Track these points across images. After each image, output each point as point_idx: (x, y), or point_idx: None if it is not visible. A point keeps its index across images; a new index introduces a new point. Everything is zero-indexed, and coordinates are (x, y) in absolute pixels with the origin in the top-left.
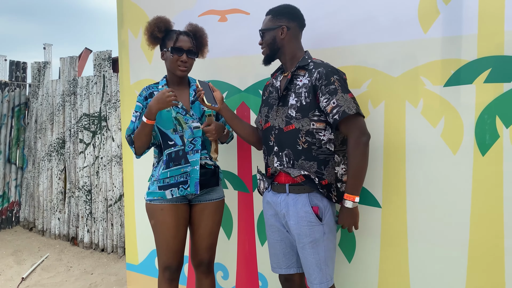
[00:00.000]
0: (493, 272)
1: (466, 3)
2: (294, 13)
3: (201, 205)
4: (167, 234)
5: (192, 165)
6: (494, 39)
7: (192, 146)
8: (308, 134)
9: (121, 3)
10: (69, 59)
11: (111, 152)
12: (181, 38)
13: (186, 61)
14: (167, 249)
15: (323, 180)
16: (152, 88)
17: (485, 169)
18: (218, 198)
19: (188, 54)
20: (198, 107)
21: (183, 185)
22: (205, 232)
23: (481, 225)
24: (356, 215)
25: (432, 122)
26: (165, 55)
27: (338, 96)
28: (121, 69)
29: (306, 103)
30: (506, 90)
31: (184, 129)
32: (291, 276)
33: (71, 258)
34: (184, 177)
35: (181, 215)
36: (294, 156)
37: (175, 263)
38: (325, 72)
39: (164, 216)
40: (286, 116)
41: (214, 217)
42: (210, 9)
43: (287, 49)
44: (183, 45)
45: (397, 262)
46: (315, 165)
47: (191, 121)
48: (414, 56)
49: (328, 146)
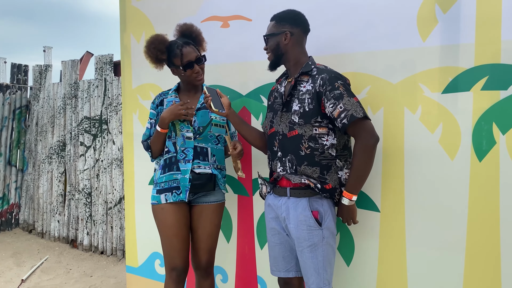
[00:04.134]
0: (489, 275)
1: (464, 13)
2: (297, 18)
3: (199, 206)
4: (169, 232)
5: (183, 173)
6: (491, 47)
7: (183, 156)
8: (311, 140)
9: (124, 8)
10: (70, 63)
11: (112, 155)
12: (185, 51)
13: (199, 71)
14: (170, 248)
15: (326, 185)
16: (163, 95)
17: (482, 175)
18: (216, 201)
19: (198, 63)
20: (202, 114)
21: (176, 191)
22: (203, 234)
23: (478, 229)
24: (353, 211)
25: (430, 128)
26: (177, 71)
27: (344, 100)
28: (123, 73)
29: (309, 109)
30: (503, 98)
31: (177, 136)
32: (290, 279)
33: (71, 261)
34: (177, 183)
35: (181, 213)
36: (297, 162)
37: (180, 264)
38: (328, 78)
39: (164, 215)
40: (290, 122)
41: (212, 219)
42: (213, 15)
43: (291, 54)
44: (190, 58)
45: (395, 266)
46: (317, 170)
47: (186, 130)
48: (412, 63)
49: (330, 151)
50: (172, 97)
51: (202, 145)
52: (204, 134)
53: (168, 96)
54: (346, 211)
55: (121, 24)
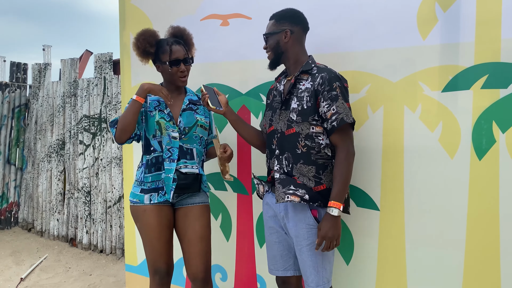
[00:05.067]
0: (489, 274)
1: (464, 11)
2: (297, 17)
3: (184, 209)
4: (151, 235)
5: (166, 172)
6: (491, 46)
7: (169, 154)
8: (307, 138)
9: (123, 6)
10: (69, 61)
11: (111, 153)
12: (174, 48)
13: (184, 71)
14: (152, 251)
15: (321, 185)
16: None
17: (481, 173)
18: (201, 203)
19: (185, 63)
20: (188, 115)
21: (161, 191)
22: (194, 237)
23: (478, 228)
24: (340, 226)
25: (430, 126)
26: (162, 68)
27: (338, 103)
28: (123, 71)
29: (307, 107)
30: (503, 96)
31: (162, 135)
32: (288, 278)
33: (70, 259)
34: (162, 183)
35: (164, 216)
36: (293, 160)
37: (163, 266)
38: (328, 78)
39: (146, 218)
40: (288, 120)
41: (201, 221)
42: (212, 14)
43: (291, 53)
44: (179, 55)
45: (394, 264)
46: (313, 169)
47: (171, 130)
48: (412, 62)
49: (326, 150)
50: (157, 96)
51: (188, 146)
52: (189, 135)
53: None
54: (334, 225)
55: (121, 23)
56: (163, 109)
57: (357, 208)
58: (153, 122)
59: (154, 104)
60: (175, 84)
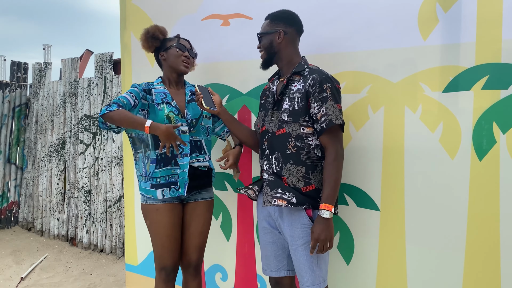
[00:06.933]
0: (489, 274)
1: (465, 12)
2: (291, 18)
3: (193, 203)
4: (163, 233)
5: (182, 168)
6: (491, 46)
7: (180, 150)
8: (297, 139)
9: (124, 6)
10: (70, 61)
11: (111, 153)
12: (182, 40)
13: (189, 57)
14: (163, 249)
15: (310, 185)
16: (150, 85)
17: (482, 174)
18: (209, 198)
19: (190, 53)
20: (193, 107)
21: (174, 186)
22: (196, 231)
23: (478, 228)
24: (333, 228)
25: (431, 127)
26: (168, 53)
27: (328, 104)
28: (123, 71)
29: (299, 108)
30: (503, 97)
31: None
32: (281, 279)
33: (70, 259)
34: (175, 178)
35: (176, 214)
36: (283, 160)
37: (171, 264)
38: (319, 79)
39: (159, 216)
40: (279, 120)
41: (205, 216)
42: (213, 14)
43: (284, 53)
44: (185, 44)
45: (395, 264)
46: (302, 169)
47: (180, 124)
48: (413, 62)
49: (316, 151)
50: (161, 88)
51: (196, 138)
52: (197, 127)
53: (156, 87)
54: (327, 227)
55: (121, 22)
56: (170, 101)
57: (357, 208)
58: (163, 116)
59: (160, 96)
60: (178, 69)
